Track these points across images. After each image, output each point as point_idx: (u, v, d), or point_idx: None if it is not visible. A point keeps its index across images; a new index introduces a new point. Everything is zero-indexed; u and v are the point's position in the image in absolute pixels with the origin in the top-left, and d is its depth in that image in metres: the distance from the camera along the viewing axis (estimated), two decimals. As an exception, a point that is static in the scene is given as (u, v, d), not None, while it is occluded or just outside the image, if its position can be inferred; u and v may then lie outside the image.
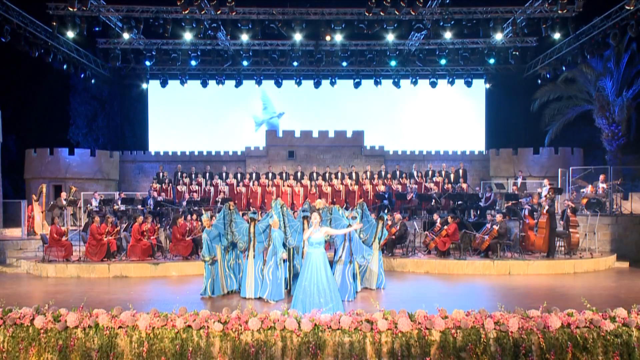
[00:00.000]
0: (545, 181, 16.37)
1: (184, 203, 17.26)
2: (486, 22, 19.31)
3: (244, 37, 20.26)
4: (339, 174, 20.18)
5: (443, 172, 19.64)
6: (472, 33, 20.40)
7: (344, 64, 22.85)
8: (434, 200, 17.34)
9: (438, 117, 26.98)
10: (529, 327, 6.51)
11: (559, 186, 17.74)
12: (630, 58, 21.39)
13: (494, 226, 13.08)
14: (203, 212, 13.11)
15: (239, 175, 20.32)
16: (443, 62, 22.64)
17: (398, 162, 24.16)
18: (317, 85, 24.27)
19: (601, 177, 15.93)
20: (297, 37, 19.96)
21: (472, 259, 12.84)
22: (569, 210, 13.70)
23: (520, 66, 24.15)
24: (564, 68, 21.32)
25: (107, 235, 13.06)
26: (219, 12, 17.72)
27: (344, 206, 16.50)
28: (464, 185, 18.83)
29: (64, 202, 16.98)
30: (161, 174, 20.33)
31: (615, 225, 15.06)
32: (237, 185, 19.76)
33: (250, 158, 25.33)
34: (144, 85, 26.36)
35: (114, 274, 12.22)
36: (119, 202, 17.35)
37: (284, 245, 9.53)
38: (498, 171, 24.04)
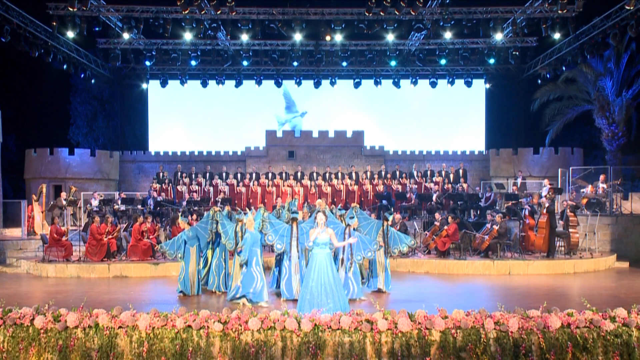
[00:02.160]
0: (545, 181, 16.37)
1: (184, 203, 17.26)
2: (486, 22, 19.30)
3: (244, 37, 20.26)
4: (339, 174, 20.19)
5: (443, 172, 19.64)
6: (472, 33, 20.38)
7: (344, 64, 22.83)
8: (434, 200, 17.35)
9: (438, 117, 27.00)
10: (529, 327, 6.51)
11: (559, 186, 17.73)
12: (630, 58, 21.37)
13: (494, 226, 13.08)
14: (181, 216, 12.88)
15: (239, 175, 20.33)
16: (443, 62, 22.64)
17: (398, 162, 24.17)
18: (317, 85, 24.27)
19: (601, 177, 15.93)
20: (297, 37, 19.96)
21: (472, 259, 12.85)
22: (568, 210, 13.70)
23: (520, 66, 24.15)
24: (564, 68, 21.31)
25: (107, 235, 13.06)
26: (219, 12, 17.72)
27: (344, 206, 16.48)
28: (464, 185, 18.83)
29: (64, 202, 16.98)
30: (161, 174, 20.33)
31: (615, 225, 15.06)
32: (237, 185, 19.77)
33: (250, 158, 25.33)
34: (144, 85, 26.36)
35: (114, 274, 12.22)
36: (119, 202, 17.35)
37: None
38: (498, 171, 24.04)
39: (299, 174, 20.39)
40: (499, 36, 20.11)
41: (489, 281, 11.48)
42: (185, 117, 27.16)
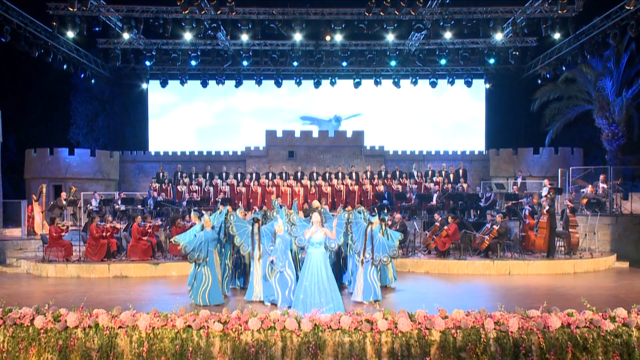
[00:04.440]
0: (545, 181, 16.36)
1: (184, 203, 17.26)
2: (486, 22, 19.31)
3: (244, 37, 20.26)
4: (339, 174, 20.19)
5: (443, 172, 19.64)
6: (472, 33, 20.39)
7: (344, 64, 22.82)
8: (434, 201, 17.36)
9: (438, 117, 27.01)
10: (529, 327, 6.51)
11: (559, 186, 17.74)
12: (630, 58, 21.37)
13: (494, 226, 13.08)
14: (203, 212, 12.82)
15: (239, 175, 20.33)
16: (443, 62, 22.63)
17: (398, 162, 24.16)
18: (317, 85, 24.26)
19: (601, 177, 15.93)
20: (297, 37, 19.96)
21: (472, 259, 12.84)
22: (568, 211, 13.71)
23: (520, 66, 24.14)
24: (564, 68, 21.31)
25: (105, 232, 13.03)
26: (219, 12, 17.72)
27: (344, 206, 16.47)
28: (464, 185, 18.83)
29: (64, 202, 16.99)
30: (161, 174, 20.31)
31: (615, 225, 15.06)
32: (238, 186, 19.76)
33: (250, 158, 25.33)
34: (144, 85, 26.36)
35: (114, 274, 12.22)
36: (119, 202, 17.36)
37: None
38: (498, 171, 24.03)
39: (299, 174, 20.39)
40: (499, 36, 20.11)
41: (489, 281, 11.48)
42: (185, 117, 27.17)
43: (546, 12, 18.37)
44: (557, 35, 18.84)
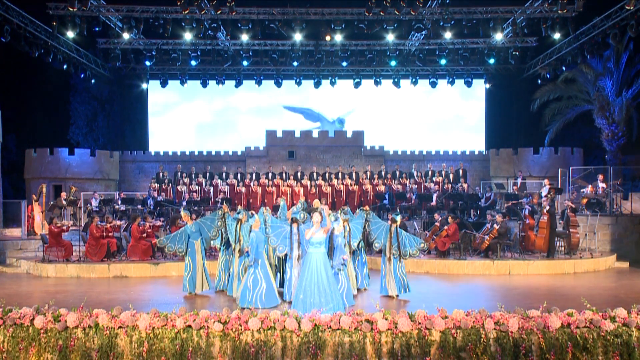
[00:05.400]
0: (546, 181, 16.36)
1: (184, 203, 17.26)
2: (486, 22, 19.31)
3: (244, 37, 20.26)
4: (339, 174, 20.19)
5: (443, 172, 19.64)
6: (472, 33, 20.39)
7: (344, 64, 22.83)
8: (434, 201, 17.35)
9: (438, 117, 27.01)
10: (529, 327, 6.51)
11: (559, 186, 17.74)
12: (629, 58, 21.36)
13: (494, 226, 13.07)
14: (183, 210, 12.40)
15: (239, 175, 20.33)
16: (443, 62, 22.64)
17: (398, 162, 24.16)
18: (317, 85, 24.26)
19: (600, 176, 15.92)
20: (297, 37, 19.96)
21: (472, 259, 12.84)
22: (568, 210, 13.71)
23: (520, 66, 24.14)
24: (564, 68, 21.31)
25: (105, 232, 13.04)
26: (219, 12, 17.72)
27: (344, 206, 16.44)
28: (464, 185, 18.83)
29: (64, 202, 16.99)
30: (161, 174, 20.31)
31: (615, 225, 15.06)
32: (238, 185, 19.77)
33: (250, 158, 25.33)
34: (144, 85, 26.37)
35: (114, 274, 12.22)
36: (119, 202, 17.36)
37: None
38: (498, 171, 24.03)
39: (299, 174, 20.39)
40: (499, 36, 20.11)
41: (489, 281, 11.47)
42: (185, 117, 27.18)
43: (546, 12, 18.37)
44: (557, 35, 18.85)
